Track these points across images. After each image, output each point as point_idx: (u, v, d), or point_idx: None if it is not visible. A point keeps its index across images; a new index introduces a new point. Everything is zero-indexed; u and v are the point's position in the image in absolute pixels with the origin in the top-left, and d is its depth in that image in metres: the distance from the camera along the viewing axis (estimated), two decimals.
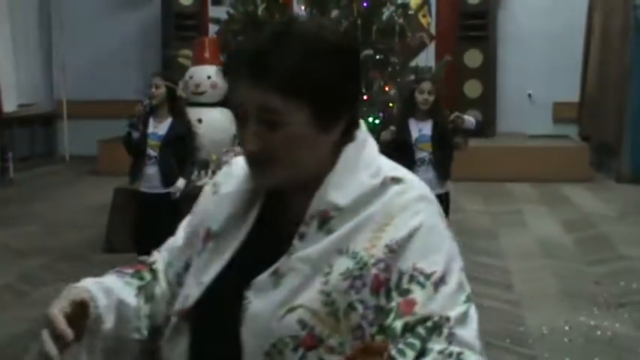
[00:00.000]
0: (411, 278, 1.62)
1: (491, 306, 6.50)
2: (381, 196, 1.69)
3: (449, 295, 1.61)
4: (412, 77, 7.09)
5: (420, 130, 6.62)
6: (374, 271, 1.63)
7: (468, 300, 1.64)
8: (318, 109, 1.64)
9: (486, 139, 13.55)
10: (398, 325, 1.58)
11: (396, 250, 1.64)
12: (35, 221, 10.11)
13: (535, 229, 9.49)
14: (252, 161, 1.71)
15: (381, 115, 8.44)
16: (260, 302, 1.66)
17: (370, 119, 8.35)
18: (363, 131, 1.79)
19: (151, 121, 6.63)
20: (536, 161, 12.99)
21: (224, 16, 10.42)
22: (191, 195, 7.25)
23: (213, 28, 12.16)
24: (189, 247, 1.89)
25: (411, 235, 1.64)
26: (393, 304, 1.61)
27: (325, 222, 1.68)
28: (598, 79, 14.08)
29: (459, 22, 14.52)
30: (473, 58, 14.46)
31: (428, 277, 1.62)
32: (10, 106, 14.27)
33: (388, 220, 1.67)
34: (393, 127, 6.68)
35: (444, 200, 6.60)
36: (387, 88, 8.67)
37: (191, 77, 9.50)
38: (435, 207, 1.73)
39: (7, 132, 13.81)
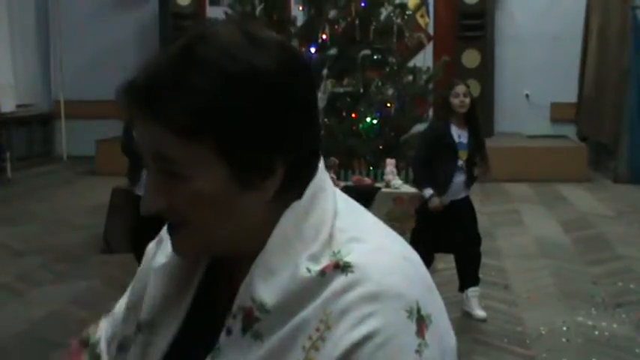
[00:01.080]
0: None
1: (489, 306, 6.50)
2: (319, 292, 1.19)
3: None
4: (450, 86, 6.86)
5: (459, 136, 6.45)
6: None
7: None
8: (235, 158, 1.19)
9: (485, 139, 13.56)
10: None
11: None
12: (33, 221, 10.11)
13: (533, 229, 9.49)
14: (167, 222, 1.30)
15: (378, 115, 8.44)
16: None
17: (368, 119, 8.35)
18: (315, 181, 1.28)
19: None
20: (534, 161, 13.00)
21: (222, 17, 10.43)
22: None
23: None
24: (127, 320, 1.47)
25: (347, 354, 1.15)
26: None
27: (250, 324, 1.22)
28: (596, 79, 14.09)
29: (457, 22, 14.54)
30: (471, 58, 14.46)
31: None
32: (7, 107, 14.30)
33: (325, 332, 1.18)
34: (444, 197, 6.46)
35: (469, 202, 6.56)
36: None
37: None
38: (399, 305, 1.18)
39: (4, 132, 13.82)
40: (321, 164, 1.31)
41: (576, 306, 6.61)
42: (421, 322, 1.19)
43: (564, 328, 6.05)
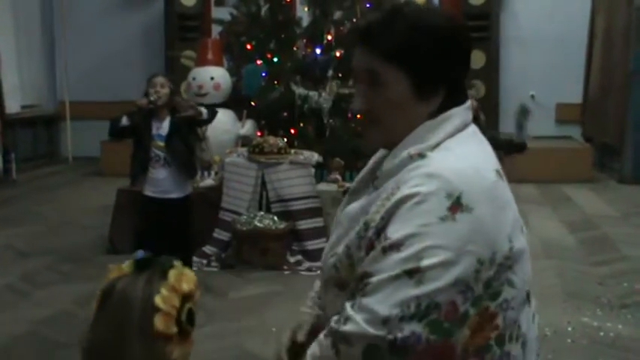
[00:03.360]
0: (380, 240, 1.82)
1: None
2: (403, 168, 1.88)
3: (392, 261, 1.75)
4: None
5: None
6: (370, 234, 1.85)
7: (409, 274, 1.73)
8: (416, 79, 1.89)
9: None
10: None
11: (385, 217, 1.82)
12: (38, 222, 10.12)
13: (538, 230, 9.47)
14: (362, 122, 2.04)
15: None
16: (328, 243, 2.09)
17: None
18: (451, 110, 1.95)
19: (153, 123, 6.49)
20: (539, 162, 12.98)
21: (227, 17, 10.43)
22: (197, 195, 7.27)
23: (216, 29, 12.17)
24: None
25: (397, 205, 1.80)
26: None
27: (374, 179, 2.00)
28: (601, 80, 14.08)
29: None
30: (476, 59, 14.42)
31: (385, 239, 1.79)
32: (13, 107, 14.27)
33: (395, 191, 1.84)
34: None
35: None
36: None
37: (194, 78, 9.51)
38: (442, 186, 1.78)
39: (10, 133, 13.80)
40: (467, 104, 2.01)
41: (581, 307, 6.61)
42: (456, 205, 1.76)
43: (569, 329, 6.05)
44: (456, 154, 1.87)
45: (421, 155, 1.87)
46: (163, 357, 1.83)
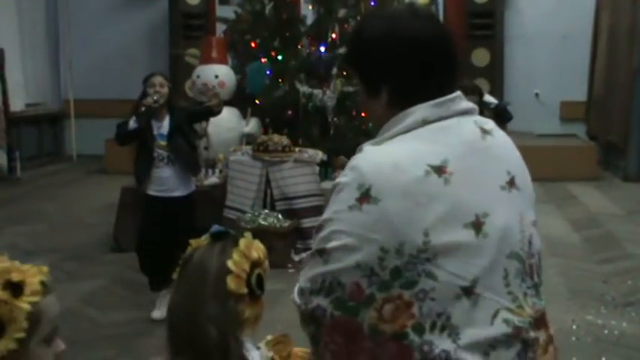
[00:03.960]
0: None
1: None
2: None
3: (315, 240, 2.06)
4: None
5: None
6: (321, 217, 2.11)
7: (320, 254, 2.02)
8: (362, 80, 2.19)
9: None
10: None
11: (328, 202, 2.10)
12: (43, 220, 10.13)
13: (542, 228, 9.36)
14: None
15: None
16: None
17: None
18: (410, 109, 2.07)
19: (154, 123, 6.47)
20: (543, 160, 12.92)
21: (231, 16, 10.43)
22: (200, 193, 7.26)
23: (220, 28, 12.18)
24: None
25: (331, 192, 2.09)
26: None
27: None
28: (605, 78, 14.04)
29: (467, 21, 14.50)
30: (480, 57, 14.44)
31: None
32: (17, 106, 14.27)
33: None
34: None
35: None
36: None
37: (198, 76, 9.50)
38: (356, 177, 1.99)
39: (14, 131, 13.80)
40: (437, 100, 2.08)
41: (586, 305, 6.60)
42: (365, 196, 1.95)
43: (574, 327, 6.05)
44: (387, 149, 2.04)
45: (360, 149, 2.09)
46: (236, 315, 2.16)
